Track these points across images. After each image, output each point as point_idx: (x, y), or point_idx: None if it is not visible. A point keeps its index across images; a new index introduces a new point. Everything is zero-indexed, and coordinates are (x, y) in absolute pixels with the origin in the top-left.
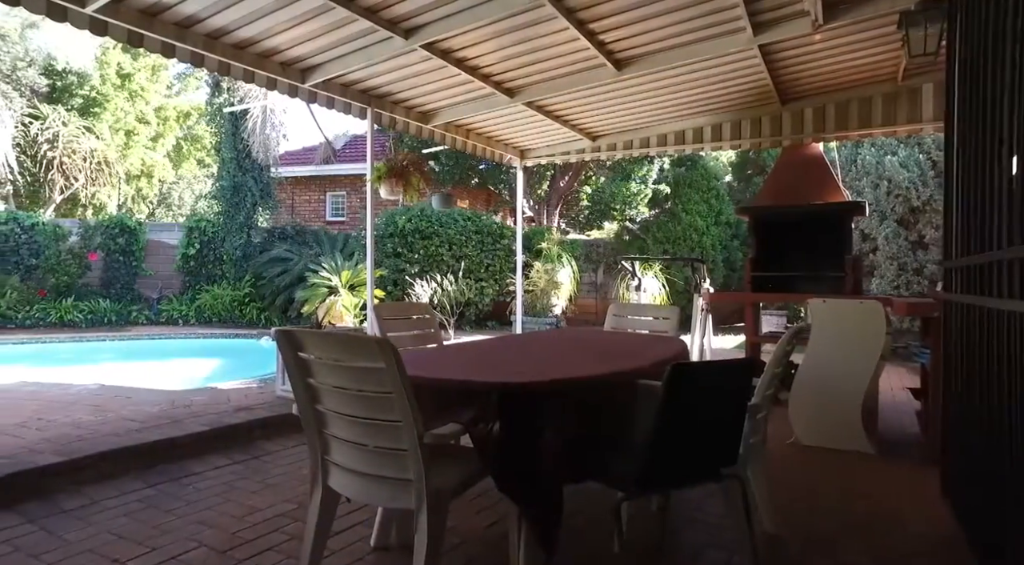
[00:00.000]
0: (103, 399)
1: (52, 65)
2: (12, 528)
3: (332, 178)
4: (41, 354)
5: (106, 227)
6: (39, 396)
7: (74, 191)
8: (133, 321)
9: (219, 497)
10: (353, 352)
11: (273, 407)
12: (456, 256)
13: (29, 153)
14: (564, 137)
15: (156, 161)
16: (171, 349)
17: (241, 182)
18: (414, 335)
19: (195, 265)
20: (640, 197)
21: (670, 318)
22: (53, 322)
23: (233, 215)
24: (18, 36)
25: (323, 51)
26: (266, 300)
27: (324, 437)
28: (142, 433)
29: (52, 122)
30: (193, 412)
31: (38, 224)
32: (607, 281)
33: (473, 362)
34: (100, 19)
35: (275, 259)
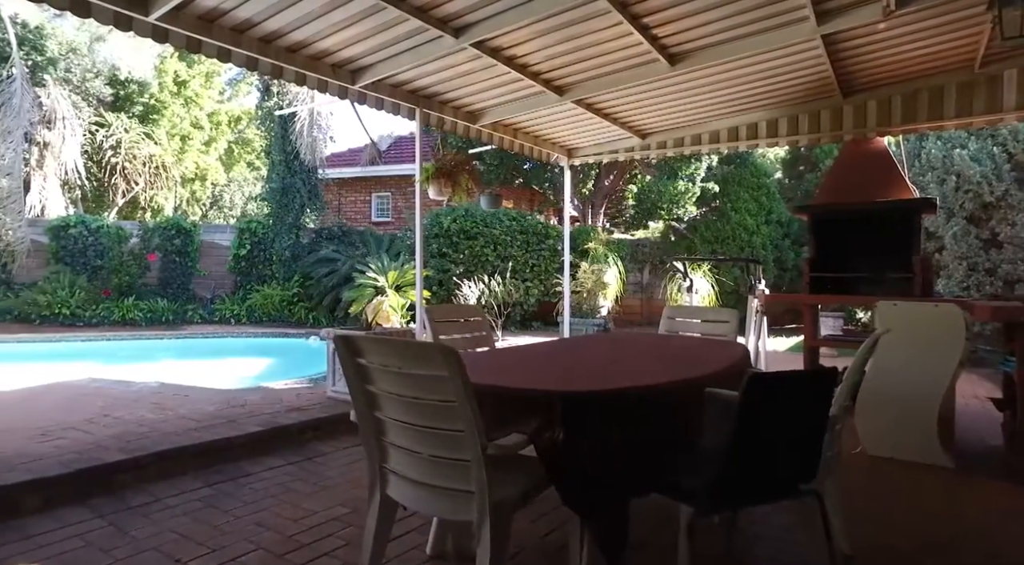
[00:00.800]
0: (163, 397)
1: (116, 75)
2: (84, 522)
3: (377, 179)
4: (106, 351)
5: (163, 229)
6: (105, 393)
7: (134, 194)
8: (189, 320)
9: (274, 498)
10: (415, 359)
11: (324, 408)
12: (501, 256)
13: (95, 159)
14: (612, 135)
15: (209, 164)
16: (224, 348)
17: (290, 184)
18: (466, 338)
19: (246, 265)
20: (688, 196)
21: (728, 321)
22: (116, 320)
23: (282, 216)
24: (87, 49)
25: (373, 52)
26: (314, 300)
27: (382, 445)
28: (200, 432)
29: (116, 129)
30: (248, 412)
31: (103, 227)
32: (653, 281)
33: (532, 368)
34: (161, 27)
35: (323, 259)
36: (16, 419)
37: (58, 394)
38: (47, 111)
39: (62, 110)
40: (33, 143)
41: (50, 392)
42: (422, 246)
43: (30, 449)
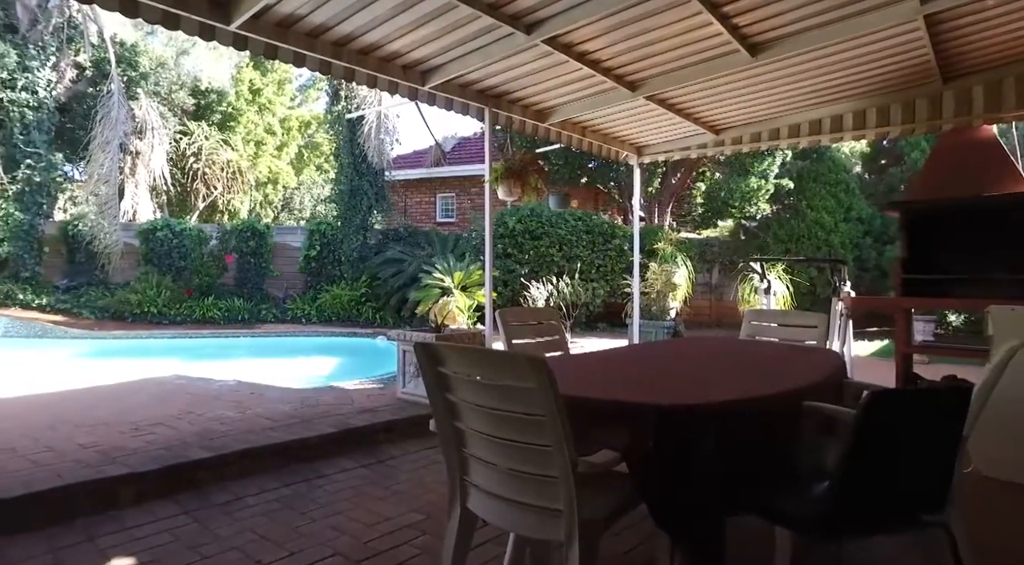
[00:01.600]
0: (241, 395)
1: (198, 86)
2: (172, 518)
3: (442, 180)
4: (189, 348)
5: (240, 231)
6: (188, 390)
7: (213, 199)
8: (263, 318)
9: (348, 502)
10: (499, 370)
11: (395, 410)
12: (566, 257)
13: (179, 165)
14: (685, 131)
15: (281, 168)
16: (296, 346)
17: (358, 186)
18: (541, 342)
19: (316, 266)
20: (760, 193)
21: (817, 327)
22: (197, 319)
23: (350, 218)
24: (173, 63)
25: (443, 52)
26: (381, 300)
27: (463, 456)
28: (276, 432)
29: (197, 137)
30: (321, 412)
31: (186, 229)
32: (723, 282)
33: (619, 377)
34: (241, 35)
35: (389, 260)
36: (113, 413)
37: (148, 390)
38: (139, 122)
39: (151, 121)
40: (127, 152)
41: (141, 388)
42: (491, 247)
43: (125, 443)
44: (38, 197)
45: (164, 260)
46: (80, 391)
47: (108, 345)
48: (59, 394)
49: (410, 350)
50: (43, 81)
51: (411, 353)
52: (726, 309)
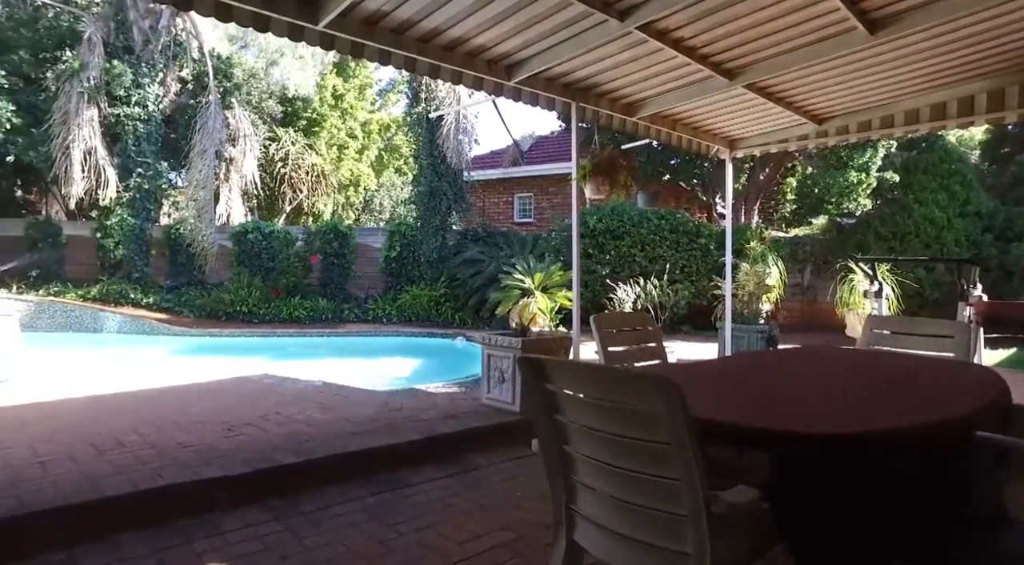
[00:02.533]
0: (326, 396)
1: (285, 94)
2: (263, 524)
3: (519, 180)
4: (277, 346)
5: (324, 232)
6: (276, 390)
7: (299, 201)
8: (345, 318)
9: (435, 515)
10: (620, 390)
11: (480, 416)
12: (649, 257)
13: (268, 170)
14: (784, 122)
15: (362, 171)
16: (377, 346)
17: (437, 187)
18: (637, 350)
19: (396, 266)
20: (861, 187)
21: (956, 337)
22: (284, 318)
23: (429, 219)
24: (263, 73)
25: (530, 44)
26: (460, 300)
27: (571, 483)
28: (362, 437)
29: (284, 143)
30: (404, 417)
31: (274, 231)
32: (815, 283)
33: (745, 394)
34: (328, 34)
35: (468, 261)
36: (208, 411)
37: (239, 389)
38: (232, 130)
39: (244, 128)
40: (221, 159)
41: (233, 387)
42: (578, 246)
43: (219, 443)
44: (147, 203)
45: (254, 261)
46: (180, 388)
47: (204, 342)
48: (162, 390)
49: (495, 354)
50: (152, 96)
51: (496, 358)
52: (820, 311)
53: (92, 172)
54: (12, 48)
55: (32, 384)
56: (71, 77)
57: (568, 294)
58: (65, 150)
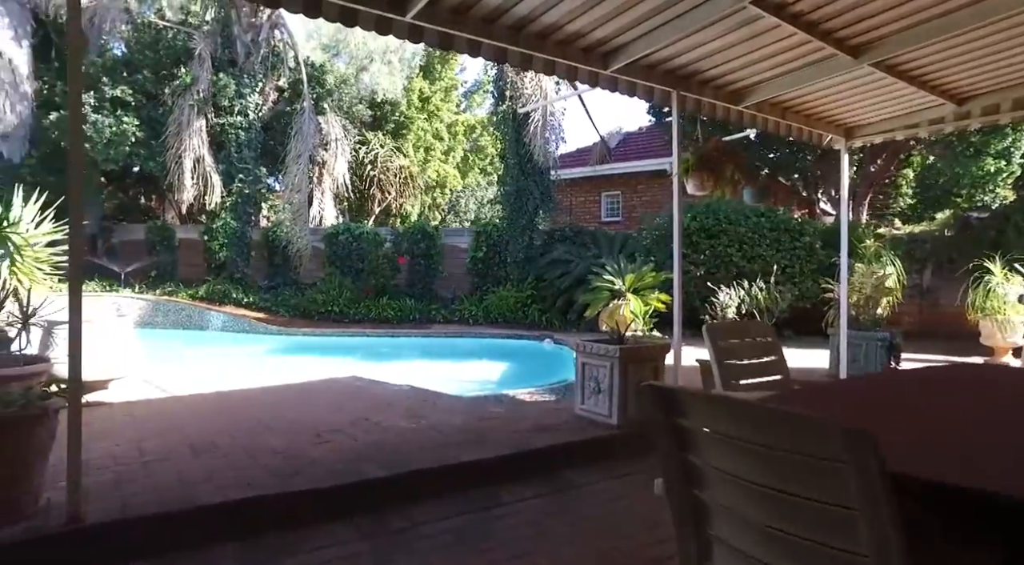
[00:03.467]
0: (414, 403)
1: (374, 98)
2: (351, 543)
3: (607, 178)
4: (366, 347)
5: (411, 233)
6: (365, 394)
7: (387, 203)
8: (433, 318)
9: (530, 541)
10: (784, 435)
11: (574, 430)
12: (747, 257)
13: (358, 173)
14: (915, 104)
15: (448, 172)
16: (464, 348)
17: (524, 186)
18: (757, 364)
19: (483, 267)
20: (1000, 177)
21: None
22: (373, 318)
23: (516, 219)
24: (354, 79)
25: (629, 28)
26: (547, 301)
27: (704, 538)
28: (451, 449)
29: (373, 146)
30: (494, 427)
31: (364, 233)
32: (936, 285)
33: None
34: (417, 25)
35: (555, 261)
36: (298, 415)
37: (329, 391)
38: (325, 135)
39: (335, 133)
40: (315, 163)
41: (323, 389)
42: (680, 246)
43: (307, 451)
44: (247, 207)
45: (345, 262)
46: (274, 388)
47: (298, 341)
48: (258, 391)
49: (591, 363)
50: (252, 105)
51: (591, 366)
52: (942, 316)
53: (200, 179)
54: (138, 68)
55: (145, 381)
56: (184, 91)
57: (661, 296)
58: (178, 159)
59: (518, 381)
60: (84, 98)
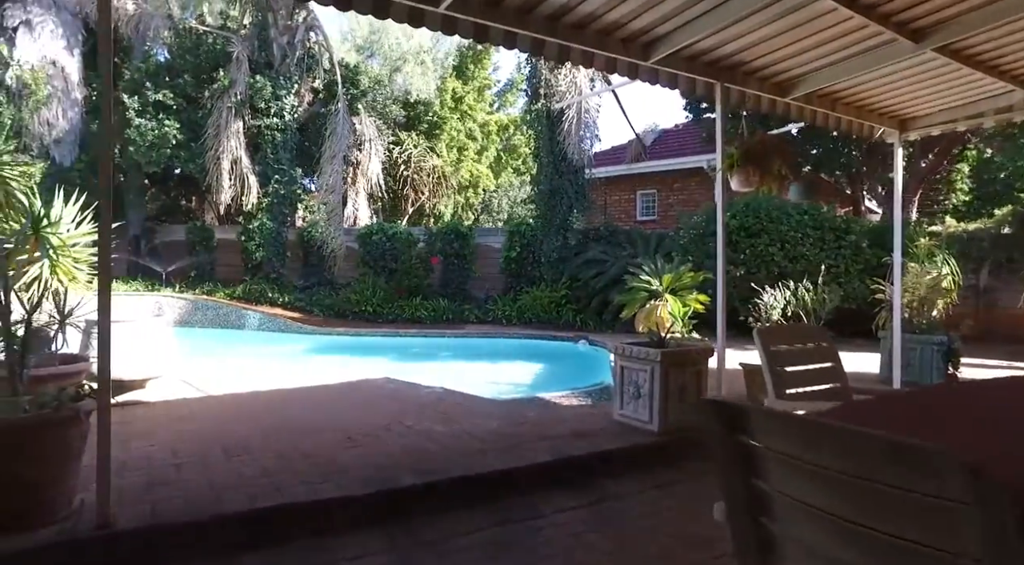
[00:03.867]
0: (448, 405)
1: (407, 99)
2: (382, 553)
3: (642, 176)
4: (399, 347)
5: (444, 233)
6: (398, 396)
7: (421, 203)
8: (466, 319)
9: (569, 556)
10: (878, 465)
11: (612, 436)
12: (789, 256)
13: (391, 173)
14: (979, 91)
15: (481, 172)
16: (498, 349)
17: (558, 185)
18: (813, 371)
19: (516, 267)
20: None
21: None
22: (407, 318)
23: (550, 218)
24: (387, 80)
25: (670, 17)
26: (582, 302)
27: None
28: (486, 456)
29: (407, 146)
30: (529, 432)
31: (397, 233)
32: (994, 285)
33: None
34: (450, 16)
35: (590, 261)
36: (329, 417)
37: (362, 393)
38: (359, 135)
39: (369, 133)
40: (349, 164)
41: (356, 391)
42: (724, 244)
43: (338, 456)
44: (283, 208)
45: (379, 262)
46: (307, 390)
47: (332, 341)
48: (291, 392)
49: (630, 367)
50: (288, 106)
51: (631, 370)
52: (1000, 319)
53: (237, 180)
54: (179, 73)
55: (183, 380)
56: (222, 94)
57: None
58: (216, 161)
59: (553, 383)
60: (128, 102)
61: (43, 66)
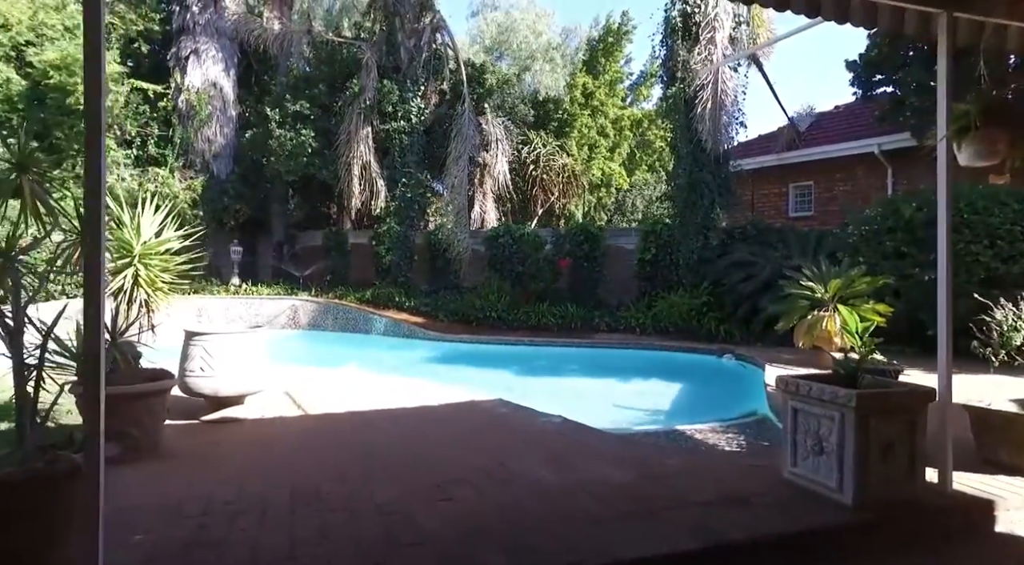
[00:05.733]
0: (564, 443)
1: (536, 97)
2: None
3: (796, 166)
4: (523, 356)
5: (573, 235)
6: (506, 426)
7: (550, 204)
8: (595, 327)
9: None
10: None
11: (783, 507)
12: (1002, 257)
13: (520, 174)
14: None
15: (613, 170)
16: (630, 362)
17: (698, 179)
18: None
19: (651, 270)
20: None
21: None
22: (533, 325)
23: (689, 216)
24: (515, 79)
25: None
26: (726, 310)
27: None
28: (605, 530)
29: (536, 145)
30: (668, 493)
31: (524, 234)
32: None
33: None
34: None
35: (736, 263)
36: (423, 453)
37: (467, 420)
38: (486, 136)
39: (496, 133)
40: (475, 165)
41: (462, 415)
42: (948, 238)
43: (419, 513)
44: (410, 211)
45: (505, 265)
46: (410, 412)
47: (453, 349)
48: (391, 413)
49: (809, 411)
50: (415, 109)
51: (808, 416)
52: None
53: (367, 185)
54: (315, 83)
55: (287, 392)
56: (353, 101)
57: (879, 307)
58: (347, 166)
59: (695, 410)
60: (270, 115)
61: (205, 88)
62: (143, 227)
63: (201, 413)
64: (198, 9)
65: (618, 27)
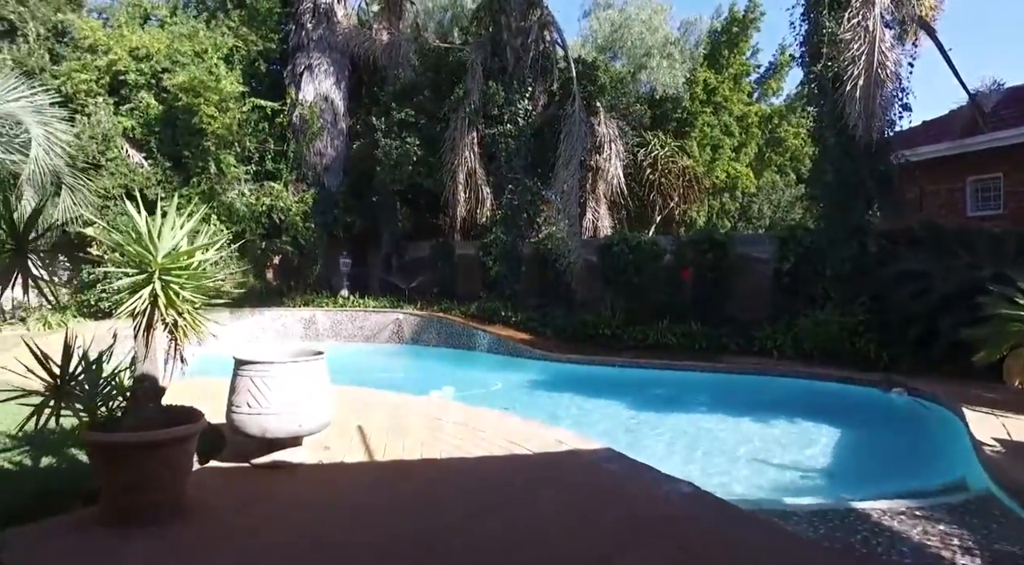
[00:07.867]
0: (697, 531)
1: (652, 96)
2: None
3: (978, 155)
4: (640, 382)
5: (695, 242)
6: (619, 494)
7: (669, 210)
8: (723, 347)
9: None
10: None
11: None
12: None
13: (636, 178)
14: None
15: (740, 171)
16: (767, 393)
17: (850, 174)
18: None
19: (790, 282)
20: None
21: None
22: (650, 344)
23: (838, 218)
24: (630, 78)
25: None
26: (890, 331)
27: None
28: None
29: (653, 147)
30: None
31: (640, 243)
32: None
33: None
34: None
35: (904, 274)
36: (497, 537)
37: (564, 481)
38: (598, 137)
39: (609, 134)
40: (587, 169)
41: (558, 472)
42: None
43: None
44: (518, 220)
45: (619, 277)
46: (495, 462)
47: (560, 371)
48: (472, 464)
49: None
50: (522, 111)
51: None
52: None
53: (472, 192)
54: (420, 89)
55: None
56: (457, 105)
57: None
58: (452, 174)
59: (868, 469)
60: (376, 123)
61: (317, 102)
62: (165, 237)
63: (254, 454)
64: (311, 26)
65: (743, 15)
